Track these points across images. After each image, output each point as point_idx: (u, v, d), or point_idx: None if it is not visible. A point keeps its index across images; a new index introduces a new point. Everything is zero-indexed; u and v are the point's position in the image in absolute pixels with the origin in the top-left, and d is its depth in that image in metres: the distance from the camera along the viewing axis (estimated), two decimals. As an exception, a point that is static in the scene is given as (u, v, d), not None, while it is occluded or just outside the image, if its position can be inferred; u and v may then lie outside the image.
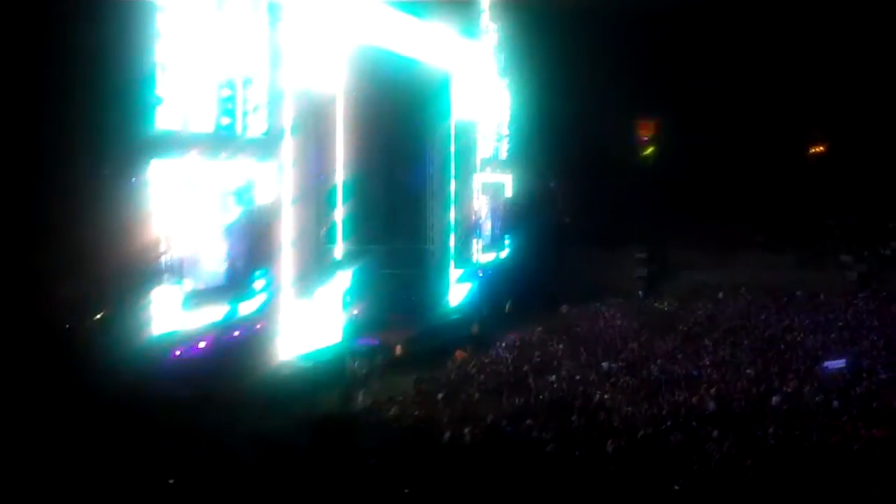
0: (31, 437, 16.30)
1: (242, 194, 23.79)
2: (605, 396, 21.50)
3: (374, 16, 30.28)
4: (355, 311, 29.40)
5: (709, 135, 46.29)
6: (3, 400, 17.18)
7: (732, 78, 46.06)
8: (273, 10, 24.87)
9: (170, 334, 21.05)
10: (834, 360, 25.02)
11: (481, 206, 40.28)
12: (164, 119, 20.86)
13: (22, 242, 18.94)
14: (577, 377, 23.63)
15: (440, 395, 22.33)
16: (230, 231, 23.52)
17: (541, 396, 21.76)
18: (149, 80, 20.41)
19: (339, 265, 28.33)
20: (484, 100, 40.22)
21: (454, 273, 37.02)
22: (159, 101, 20.62)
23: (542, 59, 41.96)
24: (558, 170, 47.82)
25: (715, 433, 17.88)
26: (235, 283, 23.70)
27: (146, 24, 20.39)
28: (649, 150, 49.68)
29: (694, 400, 21.00)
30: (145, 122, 20.44)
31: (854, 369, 23.97)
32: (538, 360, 26.21)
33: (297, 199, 26.28)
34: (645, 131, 50.09)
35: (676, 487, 15.15)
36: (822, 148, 50.18)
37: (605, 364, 25.33)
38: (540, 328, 31.74)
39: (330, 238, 28.03)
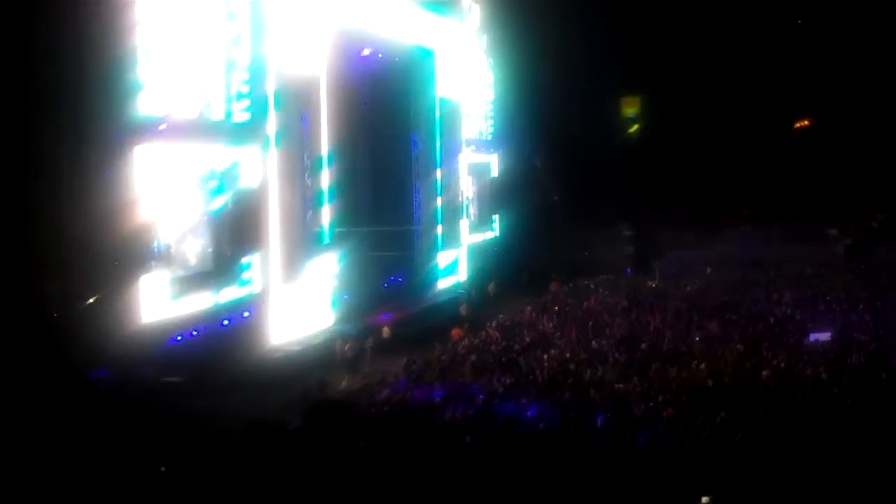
0: (19, 424, 16.24)
1: (228, 179, 23.64)
2: (597, 373, 21.54)
3: (356, -3, 30.10)
4: (344, 294, 29.40)
5: (695, 111, 46.31)
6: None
7: (719, 54, 46.03)
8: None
9: (158, 321, 20.98)
10: (819, 331, 25.14)
11: (468, 186, 40.23)
12: (148, 105, 20.69)
13: (7, 231, 18.80)
14: (568, 355, 23.64)
15: (431, 376, 22.31)
16: (217, 216, 23.42)
17: (531, 376, 21.76)
18: (131, 67, 20.23)
19: (326, 248, 28.28)
20: (468, 80, 40.08)
21: (442, 254, 37.01)
22: (142, 87, 20.44)
23: (526, 39, 41.83)
24: (545, 149, 47.74)
25: (706, 408, 17.91)
26: (223, 268, 23.61)
27: (128, 9, 20.20)
28: (635, 128, 49.63)
29: (684, 375, 21.04)
30: (129, 109, 20.26)
31: (842, 341, 24.08)
32: (529, 338, 26.20)
33: (283, 183, 26.19)
34: (630, 108, 50.02)
35: (668, 462, 15.18)
36: (808, 123, 50.25)
37: (595, 342, 25.36)
38: (530, 307, 31.71)
39: (316, 222, 27.96)
